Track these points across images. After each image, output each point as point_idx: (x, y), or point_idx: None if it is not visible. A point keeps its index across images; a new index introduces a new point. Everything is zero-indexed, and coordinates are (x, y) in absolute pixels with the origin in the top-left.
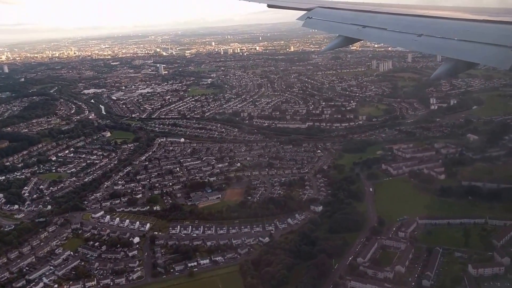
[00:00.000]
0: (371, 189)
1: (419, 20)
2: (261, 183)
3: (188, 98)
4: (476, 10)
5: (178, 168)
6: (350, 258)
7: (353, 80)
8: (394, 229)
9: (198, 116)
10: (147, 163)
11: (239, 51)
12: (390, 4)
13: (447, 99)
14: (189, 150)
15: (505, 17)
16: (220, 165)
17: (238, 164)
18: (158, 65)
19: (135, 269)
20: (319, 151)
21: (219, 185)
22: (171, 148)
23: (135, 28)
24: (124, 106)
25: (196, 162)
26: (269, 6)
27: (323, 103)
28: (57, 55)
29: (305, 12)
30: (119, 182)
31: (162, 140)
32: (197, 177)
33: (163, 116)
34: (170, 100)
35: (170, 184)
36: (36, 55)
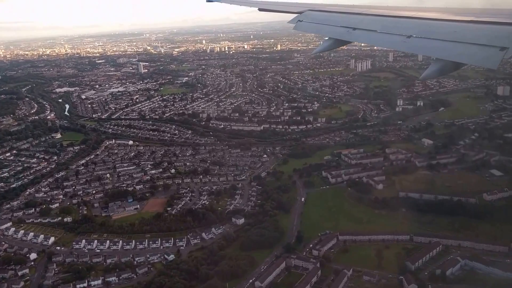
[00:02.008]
0: (302, 199)
1: (408, 22)
2: (189, 192)
3: (157, 98)
4: (463, 11)
5: (108, 174)
6: (251, 281)
7: (328, 80)
8: (311, 245)
9: (157, 117)
10: (82, 167)
11: (226, 49)
12: (379, 6)
13: (416, 100)
14: (132, 154)
15: (491, 18)
16: (153, 171)
17: (173, 171)
18: (138, 63)
19: None
20: (265, 155)
21: (143, 194)
22: (115, 151)
23: (132, 26)
24: (90, 105)
25: (131, 167)
26: (260, 10)
27: (286, 104)
28: (47, 52)
29: (296, 15)
30: (43, 189)
31: (110, 142)
32: (124, 185)
33: (123, 117)
34: (138, 100)
35: (94, 192)
36: (27, 52)
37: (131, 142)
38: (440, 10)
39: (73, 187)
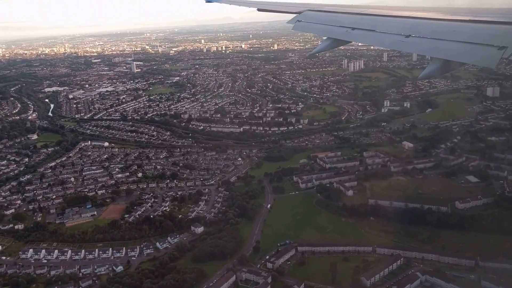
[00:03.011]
0: (269, 206)
1: (407, 21)
2: (152, 198)
3: (144, 98)
4: (462, 11)
5: (73, 178)
6: None
7: (319, 80)
8: (267, 257)
9: (139, 117)
10: (49, 171)
11: (223, 48)
12: (378, 6)
13: (404, 101)
14: (105, 156)
15: (489, 17)
16: (120, 175)
17: (140, 174)
18: (131, 63)
19: None
20: (240, 159)
21: (104, 199)
22: (89, 153)
23: (135, 26)
24: (75, 105)
25: (98, 171)
26: (259, 10)
27: (270, 105)
28: (46, 52)
29: (295, 15)
30: (3, 194)
31: (86, 144)
32: (86, 190)
33: (105, 117)
34: (124, 100)
35: (54, 197)
36: (26, 51)
37: (106, 144)
38: (438, 9)
39: (34, 191)
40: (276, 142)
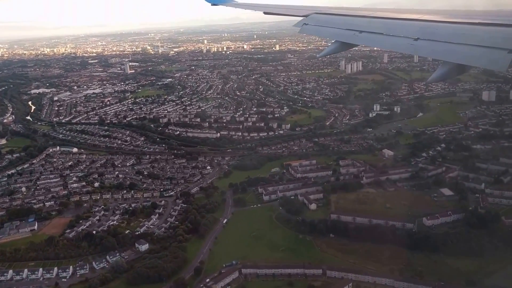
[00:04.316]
0: (225, 221)
1: (415, 24)
2: (102, 210)
3: (129, 100)
4: (470, 14)
5: (24, 188)
6: None
7: (313, 82)
8: (207, 280)
9: (117, 121)
10: (5, 179)
11: (225, 49)
12: (385, 9)
13: (395, 105)
14: (69, 163)
15: (498, 20)
16: (75, 185)
17: (97, 184)
18: (125, 64)
19: None
20: (209, 167)
21: (50, 212)
22: (54, 159)
23: (141, 26)
24: (57, 108)
25: (54, 180)
26: (265, 13)
27: (254, 108)
28: (46, 52)
29: (302, 18)
30: None
31: (54, 149)
32: (34, 201)
33: (84, 121)
34: (108, 102)
35: None
36: (26, 52)
37: (75, 150)
38: (446, 12)
39: None
40: (252, 149)
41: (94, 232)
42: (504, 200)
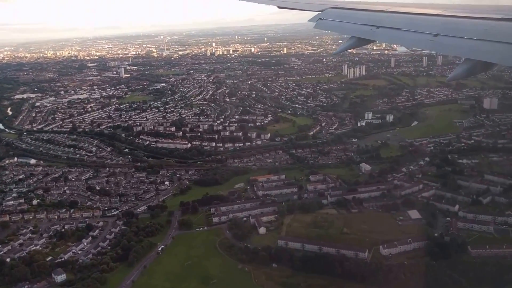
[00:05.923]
0: (161, 247)
1: (435, 20)
2: (30, 232)
3: (112, 107)
4: (492, 9)
5: None
6: None
7: (310, 88)
8: None
9: (89, 130)
10: None
11: (230, 52)
12: (403, 3)
13: (389, 113)
14: (20, 176)
15: None
16: (11, 203)
17: (35, 202)
18: (120, 68)
19: None
20: (167, 182)
21: None
22: (6, 172)
23: (152, 28)
24: (34, 114)
25: None
26: (279, 7)
27: (236, 116)
28: (47, 55)
29: (317, 13)
30: None
31: (11, 160)
32: None
33: (56, 129)
34: (91, 109)
35: None
36: (27, 55)
37: (33, 161)
38: (467, 7)
39: None
40: (221, 162)
41: (8, 259)
42: (476, 225)
